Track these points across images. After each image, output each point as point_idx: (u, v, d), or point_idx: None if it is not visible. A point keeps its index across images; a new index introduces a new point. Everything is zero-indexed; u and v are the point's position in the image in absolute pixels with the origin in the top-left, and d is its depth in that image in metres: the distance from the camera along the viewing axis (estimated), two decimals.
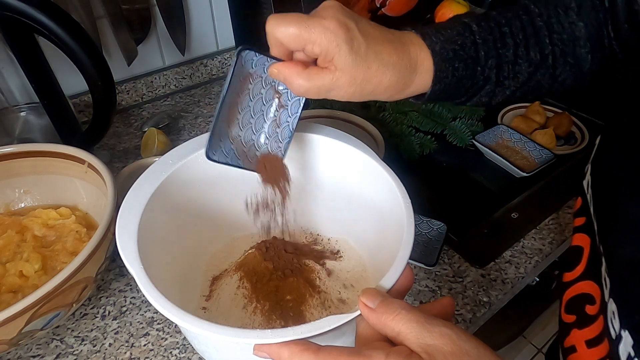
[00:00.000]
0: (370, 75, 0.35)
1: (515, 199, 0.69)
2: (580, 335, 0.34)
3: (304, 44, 0.34)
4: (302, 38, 0.33)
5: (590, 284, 0.34)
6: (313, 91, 0.35)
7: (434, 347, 0.24)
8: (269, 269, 0.44)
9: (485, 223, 0.65)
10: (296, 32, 0.33)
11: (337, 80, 0.34)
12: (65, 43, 0.52)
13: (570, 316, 0.36)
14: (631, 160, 0.31)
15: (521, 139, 0.77)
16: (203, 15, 0.91)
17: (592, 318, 0.33)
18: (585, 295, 0.34)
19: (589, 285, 0.34)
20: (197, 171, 0.44)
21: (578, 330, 0.34)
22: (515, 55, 0.40)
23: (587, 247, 0.36)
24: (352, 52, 0.34)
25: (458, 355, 0.24)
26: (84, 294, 0.46)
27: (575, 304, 0.36)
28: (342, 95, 0.36)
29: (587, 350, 0.33)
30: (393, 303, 0.27)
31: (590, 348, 0.33)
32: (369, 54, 0.34)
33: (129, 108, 0.89)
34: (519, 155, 0.75)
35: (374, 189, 0.43)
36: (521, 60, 0.41)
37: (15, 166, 0.56)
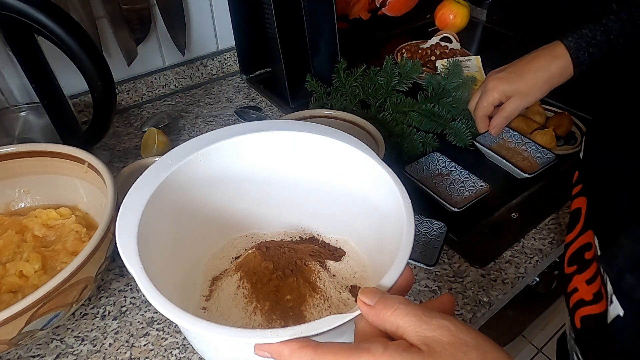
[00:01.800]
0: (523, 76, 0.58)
1: (515, 199, 0.69)
2: (581, 279, 0.38)
3: None
4: None
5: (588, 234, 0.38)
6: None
7: (432, 339, 0.24)
8: (269, 269, 0.44)
9: (485, 223, 0.65)
10: None
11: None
12: (65, 43, 0.52)
13: (571, 268, 0.40)
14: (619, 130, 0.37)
15: (522, 139, 0.76)
16: (203, 15, 0.91)
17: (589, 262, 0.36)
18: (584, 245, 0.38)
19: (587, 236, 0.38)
20: (197, 171, 0.44)
21: (579, 275, 0.38)
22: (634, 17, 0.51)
23: (584, 206, 0.40)
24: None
25: (457, 345, 0.24)
26: (84, 294, 0.46)
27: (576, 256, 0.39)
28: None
29: (586, 287, 0.37)
30: (391, 299, 0.27)
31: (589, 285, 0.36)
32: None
33: (129, 108, 0.89)
34: (521, 157, 0.75)
35: (374, 188, 0.43)
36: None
37: (15, 166, 0.56)
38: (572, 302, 0.38)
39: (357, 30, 1.11)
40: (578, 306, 0.37)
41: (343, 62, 0.82)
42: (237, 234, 0.51)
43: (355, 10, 1.08)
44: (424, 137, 0.75)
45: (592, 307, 0.34)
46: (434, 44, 1.03)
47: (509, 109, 0.59)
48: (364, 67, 0.81)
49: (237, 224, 0.51)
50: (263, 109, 0.88)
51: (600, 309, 0.33)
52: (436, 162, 0.73)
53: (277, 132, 0.46)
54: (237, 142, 0.46)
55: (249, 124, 0.47)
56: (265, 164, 0.48)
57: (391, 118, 0.77)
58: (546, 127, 0.80)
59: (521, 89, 0.58)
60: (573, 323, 0.38)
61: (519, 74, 0.58)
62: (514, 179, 0.72)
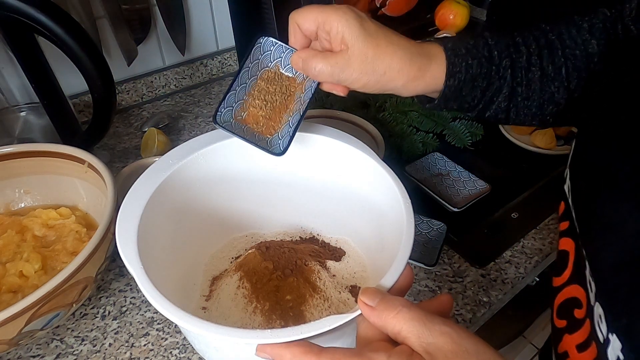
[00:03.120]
0: (380, 52, 0.37)
1: (515, 199, 0.69)
2: (571, 340, 0.34)
3: (319, 24, 0.37)
4: (317, 19, 0.37)
5: (577, 287, 0.34)
6: (327, 71, 0.38)
7: (434, 346, 0.24)
8: (269, 269, 0.44)
9: (485, 223, 0.65)
10: (313, 15, 0.37)
11: (349, 58, 0.37)
12: (65, 43, 0.52)
13: (561, 321, 0.36)
14: (606, 166, 0.31)
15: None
16: (203, 15, 0.91)
17: (580, 322, 0.33)
18: (574, 299, 0.35)
19: (575, 289, 0.35)
20: (197, 171, 0.44)
21: (569, 335, 0.35)
22: (528, 63, 0.41)
23: (572, 251, 0.36)
24: (362, 29, 0.37)
25: (458, 353, 0.24)
26: (84, 294, 0.46)
27: (565, 308, 0.36)
28: (355, 76, 0.38)
29: (577, 354, 0.33)
30: (393, 300, 0.27)
31: (580, 352, 0.33)
32: (379, 34, 0.37)
33: (129, 108, 0.89)
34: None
35: (374, 189, 0.43)
36: (534, 68, 0.41)
37: (15, 166, 0.56)
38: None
39: None
40: None
41: None
42: (237, 234, 0.51)
43: None
44: (424, 137, 0.75)
45: None
46: None
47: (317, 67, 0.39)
48: None
49: (237, 224, 0.51)
50: None
51: None
52: (436, 162, 0.73)
53: None
54: (237, 142, 0.46)
55: None
56: (265, 164, 0.48)
57: (391, 118, 0.77)
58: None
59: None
60: None
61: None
62: (513, 179, 0.72)
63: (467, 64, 0.39)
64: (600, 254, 0.30)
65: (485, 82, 0.40)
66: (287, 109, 0.43)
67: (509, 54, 0.40)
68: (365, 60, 0.37)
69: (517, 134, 0.80)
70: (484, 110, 0.43)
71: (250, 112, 0.42)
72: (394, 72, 0.37)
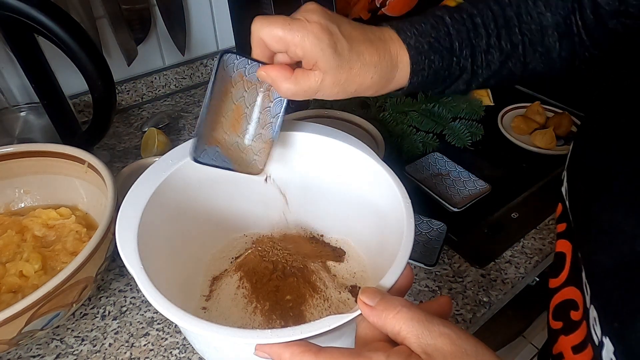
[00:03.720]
0: (353, 75, 0.36)
1: (515, 199, 0.69)
2: (566, 342, 0.34)
3: (288, 47, 0.35)
4: (285, 40, 0.34)
5: (573, 290, 0.34)
6: (300, 94, 0.37)
7: (433, 347, 0.25)
8: (269, 269, 0.44)
9: (485, 223, 0.65)
10: (280, 34, 0.34)
11: (322, 82, 0.36)
12: (65, 43, 0.52)
13: (557, 323, 0.36)
14: (604, 169, 0.31)
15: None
16: (203, 15, 0.91)
17: (577, 324, 0.33)
18: (570, 301, 0.35)
19: (572, 291, 0.35)
20: (197, 171, 0.44)
21: (565, 337, 0.35)
22: (487, 45, 0.42)
23: (569, 253, 0.36)
24: (336, 55, 0.35)
25: (457, 355, 0.24)
26: (84, 294, 0.46)
27: (561, 310, 0.36)
28: (328, 95, 0.37)
29: (573, 356, 0.33)
30: (393, 300, 0.27)
31: (575, 354, 0.33)
32: (352, 56, 0.36)
33: (129, 108, 0.89)
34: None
35: (373, 188, 0.43)
36: (493, 50, 0.42)
37: (15, 166, 0.56)
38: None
39: None
40: None
41: None
42: (237, 234, 0.52)
43: (355, 10, 1.08)
44: (424, 137, 0.75)
45: None
46: None
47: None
48: None
49: (237, 224, 0.51)
50: None
51: None
52: (436, 162, 0.73)
53: None
54: None
55: None
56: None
57: (391, 118, 0.77)
58: (546, 127, 0.80)
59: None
60: None
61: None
62: (513, 179, 0.72)
63: (429, 60, 0.40)
64: (595, 256, 0.30)
65: (447, 72, 0.42)
66: (255, 120, 0.41)
67: (469, 42, 0.41)
68: (337, 84, 0.36)
69: (517, 134, 0.81)
70: (443, 90, 0.45)
71: (218, 132, 0.40)
72: (364, 88, 0.38)
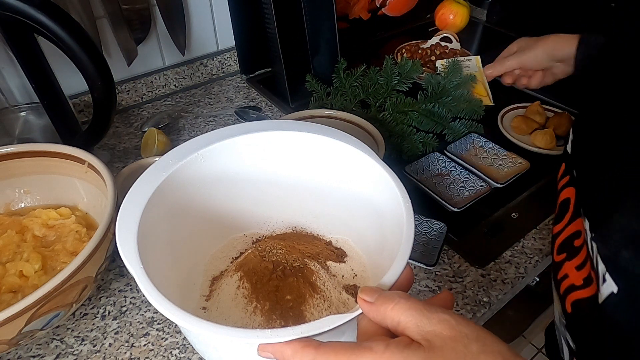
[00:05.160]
0: None
1: (515, 199, 0.69)
2: (570, 265, 0.37)
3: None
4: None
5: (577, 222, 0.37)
6: None
7: (432, 333, 0.25)
8: (269, 269, 0.44)
9: (485, 223, 0.65)
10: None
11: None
12: (65, 43, 0.52)
13: (561, 256, 0.39)
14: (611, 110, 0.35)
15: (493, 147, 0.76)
16: (203, 15, 0.91)
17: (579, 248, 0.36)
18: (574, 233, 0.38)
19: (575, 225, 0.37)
20: (197, 171, 0.44)
21: (569, 262, 0.37)
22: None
23: (572, 195, 0.39)
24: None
25: (457, 338, 0.24)
26: (84, 294, 0.46)
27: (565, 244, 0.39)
28: None
29: (576, 272, 0.36)
30: (391, 294, 0.27)
31: (579, 271, 0.36)
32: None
33: (129, 108, 0.89)
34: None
35: (373, 189, 0.43)
36: None
37: (15, 166, 0.56)
38: (562, 289, 0.38)
39: (357, 30, 1.11)
40: (569, 291, 0.37)
41: (343, 62, 0.82)
42: (237, 234, 0.51)
43: (355, 10, 1.08)
44: (424, 137, 0.75)
45: (583, 291, 0.34)
46: (434, 44, 1.03)
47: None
48: (364, 67, 0.81)
49: (237, 224, 0.51)
50: (263, 109, 0.88)
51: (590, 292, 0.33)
52: (436, 162, 0.73)
53: (277, 132, 0.46)
54: (237, 142, 0.46)
55: (249, 124, 0.47)
56: (265, 164, 0.48)
57: (391, 118, 0.77)
58: (546, 127, 0.80)
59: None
60: (564, 309, 0.38)
61: None
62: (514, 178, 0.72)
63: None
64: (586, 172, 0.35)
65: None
66: None
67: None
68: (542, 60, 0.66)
69: (517, 134, 0.81)
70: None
71: None
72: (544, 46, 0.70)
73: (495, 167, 0.72)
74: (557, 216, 0.41)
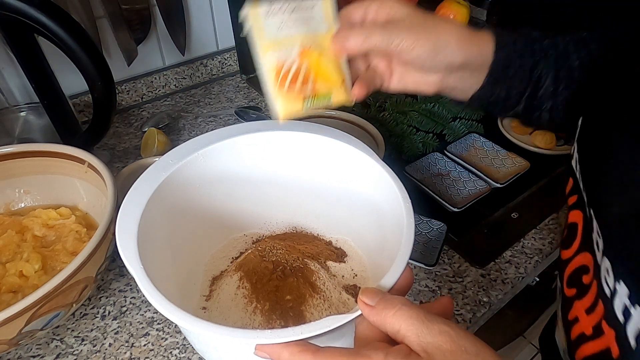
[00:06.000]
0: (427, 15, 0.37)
1: (516, 199, 0.69)
2: (580, 306, 0.35)
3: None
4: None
5: (585, 255, 0.35)
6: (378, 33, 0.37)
7: (432, 345, 0.24)
8: (269, 269, 0.44)
9: (485, 223, 0.65)
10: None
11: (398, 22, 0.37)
12: (65, 43, 0.52)
13: (571, 290, 0.37)
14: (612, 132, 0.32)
15: (493, 147, 0.75)
16: (203, 15, 0.91)
17: (587, 287, 0.34)
18: (582, 267, 0.35)
19: (584, 257, 0.35)
20: (197, 171, 0.44)
21: (578, 302, 0.35)
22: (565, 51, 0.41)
23: (580, 221, 0.36)
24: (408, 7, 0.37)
25: (457, 353, 0.24)
26: (84, 294, 0.46)
27: (575, 277, 0.36)
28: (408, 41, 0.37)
29: (586, 317, 0.34)
30: (393, 299, 0.27)
31: (588, 315, 0.33)
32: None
33: (129, 108, 0.89)
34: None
35: (374, 189, 0.43)
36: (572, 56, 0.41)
37: (15, 166, 0.56)
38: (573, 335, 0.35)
39: None
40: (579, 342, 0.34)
41: None
42: (237, 234, 0.51)
43: None
44: (424, 137, 0.75)
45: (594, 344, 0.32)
46: None
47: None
48: None
49: (237, 224, 0.51)
50: (263, 109, 0.88)
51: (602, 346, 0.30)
52: (436, 162, 0.73)
53: (277, 132, 0.46)
54: (237, 142, 0.46)
55: (249, 124, 0.47)
56: (265, 164, 0.48)
57: (391, 118, 0.77)
58: None
59: None
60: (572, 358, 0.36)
61: None
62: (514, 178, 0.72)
63: (512, 38, 0.39)
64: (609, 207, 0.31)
65: (532, 60, 0.40)
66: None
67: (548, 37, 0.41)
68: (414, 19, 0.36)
69: (517, 133, 0.81)
70: (531, 97, 0.42)
71: None
72: (444, 26, 0.37)
73: (495, 167, 0.72)
74: (565, 240, 0.39)
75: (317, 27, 0.39)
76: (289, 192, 0.50)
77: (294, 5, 0.37)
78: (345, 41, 0.37)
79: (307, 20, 0.38)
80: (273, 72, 0.37)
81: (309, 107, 0.38)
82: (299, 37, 0.38)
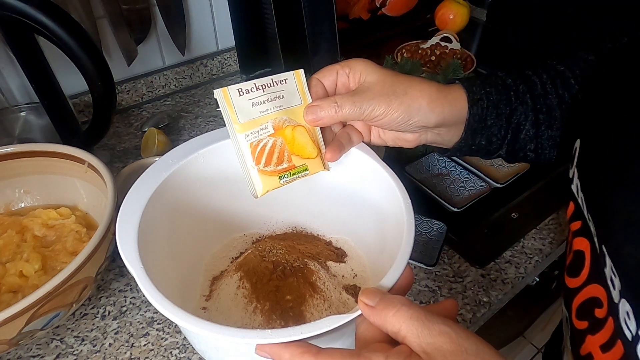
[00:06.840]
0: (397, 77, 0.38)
1: (515, 199, 0.69)
2: (594, 341, 0.33)
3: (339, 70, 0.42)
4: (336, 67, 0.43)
5: (596, 287, 0.33)
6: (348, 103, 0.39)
7: (433, 346, 0.24)
8: (269, 269, 0.44)
9: (485, 223, 0.65)
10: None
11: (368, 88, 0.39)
12: (65, 43, 0.52)
13: (582, 322, 0.35)
14: (618, 161, 0.31)
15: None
16: (203, 15, 0.91)
17: (602, 321, 0.32)
18: (593, 299, 0.34)
19: (595, 288, 0.34)
20: (197, 171, 0.44)
21: (592, 336, 0.33)
22: (544, 90, 0.40)
23: (587, 250, 0.35)
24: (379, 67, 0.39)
25: (457, 353, 0.24)
26: (84, 294, 0.46)
27: (585, 309, 0.35)
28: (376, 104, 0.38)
29: (602, 355, 0.32)
30: (393, 299, 0.27)
31: (605, 352, 0.32)
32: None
33: (129, 108, 0.89)
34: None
35: (374, 189, 0.43)
36: (551, 96, 0.40)
37: (15, 166, 0.56)
38: None
39: (357, 30, 1.11)
40: None
41: None
42: (237, 233, 0.51)
43: (355, 10, 1.08)
44: None
45: None
46: (434, 44, 1.03)
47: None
48: None
49: (237, 224, 0.51)
50: None
51: None
52: (436, 162, 0.73)
53: None
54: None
55: None
56: None
57: None
58: None
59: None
60: None
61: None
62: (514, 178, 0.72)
63: (485, 91, 0.39)
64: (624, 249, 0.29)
65: (509, 108, 0.40)
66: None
67: (523, 81, 0.40)
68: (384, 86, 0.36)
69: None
70: (513, 141, 0.42)
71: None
72: (415, 90, 0.37)
73: (495, 167, 0.72)
74: (571, 266, 0.37)
75: (290, 100, 0.40)
76: (289, 192, 0.50)
77: (266, 81, 0.39)
78: (317, 115, 0.39)
79: (280, 95, 0.39)
80: (248, 151, 0.38)
81: (286, 181, 0.39)
82: (273, 114, 0.38)
